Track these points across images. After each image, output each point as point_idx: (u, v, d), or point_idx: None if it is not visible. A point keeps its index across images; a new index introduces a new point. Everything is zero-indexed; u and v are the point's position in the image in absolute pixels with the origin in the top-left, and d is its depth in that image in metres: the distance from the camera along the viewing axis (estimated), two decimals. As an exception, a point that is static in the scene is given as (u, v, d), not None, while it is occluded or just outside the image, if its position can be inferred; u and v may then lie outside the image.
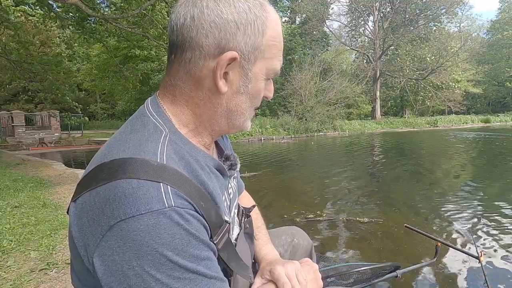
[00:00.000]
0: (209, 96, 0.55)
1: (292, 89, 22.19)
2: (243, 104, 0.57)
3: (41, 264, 2.16)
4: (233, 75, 0.54)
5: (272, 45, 0.55)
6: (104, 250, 0.42)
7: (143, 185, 0.43)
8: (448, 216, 3.43)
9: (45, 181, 5.33)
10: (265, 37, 0.53)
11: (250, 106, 0.59)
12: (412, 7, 29.94)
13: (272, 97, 0.63)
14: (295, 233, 1.02)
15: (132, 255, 0.41)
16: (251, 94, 0.57)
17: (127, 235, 0.41)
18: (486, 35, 41.59)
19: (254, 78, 0.55)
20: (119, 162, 0.46)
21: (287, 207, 3.86)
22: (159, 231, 0.41)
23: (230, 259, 0.54)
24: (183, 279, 0.43)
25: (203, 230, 0.47)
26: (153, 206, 0.42)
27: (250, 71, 0.54)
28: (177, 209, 0.43)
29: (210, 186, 0.53)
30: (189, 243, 0.44)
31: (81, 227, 0.45)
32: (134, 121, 0.55)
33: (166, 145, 0.50)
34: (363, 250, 2.63)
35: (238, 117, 0.59)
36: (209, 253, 0.47)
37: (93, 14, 6.99)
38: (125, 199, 0.42)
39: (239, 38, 0.51)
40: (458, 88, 30.42)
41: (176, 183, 0.46)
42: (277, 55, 0.56)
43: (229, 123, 0.59)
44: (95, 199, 0.44)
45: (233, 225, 0.70)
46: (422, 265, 1.42)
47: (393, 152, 10.49)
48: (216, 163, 0.60)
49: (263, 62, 0.55)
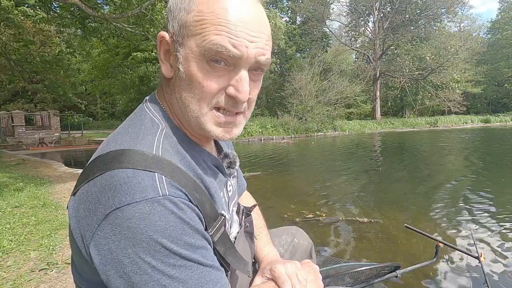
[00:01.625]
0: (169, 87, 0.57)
1: (292, 89, 22.18)
2: (183, 92, 0.52)
3: (41, 264, 2.16)
4: (172, 60, 0.54)
5: (201, 19, 0.49)
6: (100, 239, 0.43)
7: (138, 174, 0.44)
8: (448, 216, 3.43)
9: (45, 181, 5.33)
10: (192, 13, 0.49)
11: (193, 97, 0.52)
12: (412, 7, 29.94)
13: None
14: (295, 233, 1.03)
15: (127, 243, 0.41)
16: (186, 79, 0.51)
17: (122, 223, 0.42)
18: (486, 35, 41.59)
19: (184, 59, 0.51)
20: (115, 153, 0.46)
21: (287, 207, 3.86)
22: (154, 218, 0.42)
23: (227, 253, 0.54)
24: (179, 266, 0.43)
25: (197, 220, 0.47)
26: (147, 195, 0.42)
27: (179, 52, 0.51)
28: (171, 198, 0.44)
29: (206, 180, 0.54)
30: (184, 231, 0.44)
31: (78, 218, 0.45)
32: (133, 117, 0.56)
33: (162, 139, 0.51)
34: (363, 250, 2.63)
35: (187, 111, 0.53)
36: (204, 243, 0.48)
37: (93, 14, 6.99)
38: (120, 188, 0.42)
39: (170, 22, 0.53)
40: (458, 88, 30.39)
41: (171, 174, 0.46)
42: (209, 29, 0.48)
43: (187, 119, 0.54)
44: (92, 189, 0.45)
45: (233, 223, 0.70)
46: (422, 265, 1.43)
47: (393, 152, 10.49)
48: (213, 160, 0.60)
49: (192, 40, 0.50)
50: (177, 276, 0.43)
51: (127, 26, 8.12)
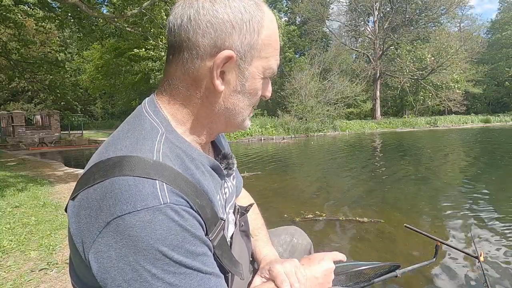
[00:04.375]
0: (207, 95, 0.56)
1: (292, 89, 22.18)
2: (240, 103, 0.58)
3: (41, 264, 2.16)
4: (230, 74, 0.54)
5: (268, 44, 0.55)
6: (100, 246, 0.43)
7: (139, 182, 0.44)
8: (448, 216, 3.43)
9: (45, 181, 5.33)
10: (261, 36, 0.54)
11: (248, 105, 0.60)
12: (412, 7, 29.94)
13: (272, 97, 0.64)
14: (294, 232, 1.02)
15: (128, 251, 0.42)
16: (248, 92, 0.57)
17: (123, 231, 0.42)
18: (486, 35, 41.59)
19: (251, 77, 0.56)
20: (116, 160, 0.46)
21: (287, 207, 3.86)
22: (155, 227, 0.42)
23: (223, 255, 0.55)
24: (179, 274, 0.43)
25: (198, 226, 0.48)
26: (148, 203, 0.43)
27: (246, 70, 0.55)
28: (172, 206, 0.44)
29: (205, 184, 0.54)
30: (185, 239, 0.44)
31: (79, 224, 0.46)
32: (132, 121, 0.56)
33: (162, 144, 0.51)
34: (363, 250, 2.63)
35: (236, 116, 0.59)
36: (204, 249, 0.48)
37: (93, 14, 6.98)
38: (121, 196, 0.43)
39: (235, 37, 0.52)
40: (458, 88, 30.38)
41: (172, 181, 0.46)
42: (273, 54, 0.57)
43: (227, 122, 0.60)
44: (93, 197, 0.45)
45: (229, 223, 0.70)
46: (421, 265, 1.42)
47: (393, 152, 10.49)
48: (211, 162, 0.60)
49: (259, 61, 0.55)
50: (177, 284, 0.43)
51: (127, 26, 8.11)
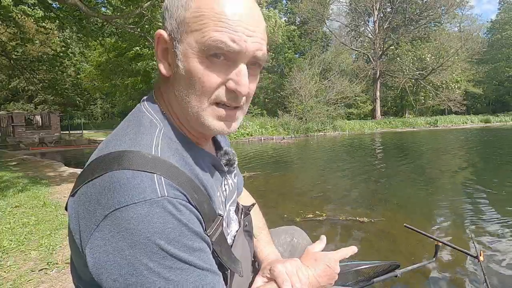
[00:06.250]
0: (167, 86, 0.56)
1: (292, 89, 22.18)
2: (183, 88, 0.52)
3: (41, 263, 2.16)
4: (170, 58, 0.54)
5: (200, 15, 0.49)
6: (97, 240, 0.42)
7: (137, 175, 0.44)
8: (448, 216, 3.43)
9: (45, 180, 5.33)
10: (190, 10, 0.50)
11: (194, 93, 0.52)
12: (412, 7, 29.94)
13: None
14: (294, 232, 1.02)
15: (125, 244, 0.41)
16: (185, 76, 0.51)
17: (120, 224, 0.42)
18: (486, 35, 41.59)
19: (183, 56, 0.51)
20: (115, 155, 0.47)
21: (287, 207, 3.86)
22: (152, 219, 0.42)
23: (222, 252, 0.55)
24: (175, 269, 0.43)
25: (196, 221, 0.47)
26: (146, 196, 0.43)
27: (177, 49, 0.51)
28: (170, 199, 0.44)
29: (203, 179, 0.54)
30: (182, 233, 0.44)
31: (78, 219, 0.46)
32: (131, 118, 0.56)
33: (160, 139, 0.51)
34: (363, 250, 2.63)
35: (187, 108, 0.53)
36: (202, 245, 0.47)
37: (93, 15, 6.97)
38: (119, 189, 0.43)
39: (168, 20, 0.53)
40: (458, 88, 30.39)
41: (170, 175, 0.46)
42: (209, 25, 0.48)
43: (186, 116, 0.55)
44: (92, 191, 0.45)
45: (231, 222, 0.70)
46: (421, 265, 1.43)
47: (393, 152, 10.49)
48: (211, 158, 0.60)
49: (191, 36, 0.50)
50: (172, 279, 0.43)
51: (127, 26, 8.11)
